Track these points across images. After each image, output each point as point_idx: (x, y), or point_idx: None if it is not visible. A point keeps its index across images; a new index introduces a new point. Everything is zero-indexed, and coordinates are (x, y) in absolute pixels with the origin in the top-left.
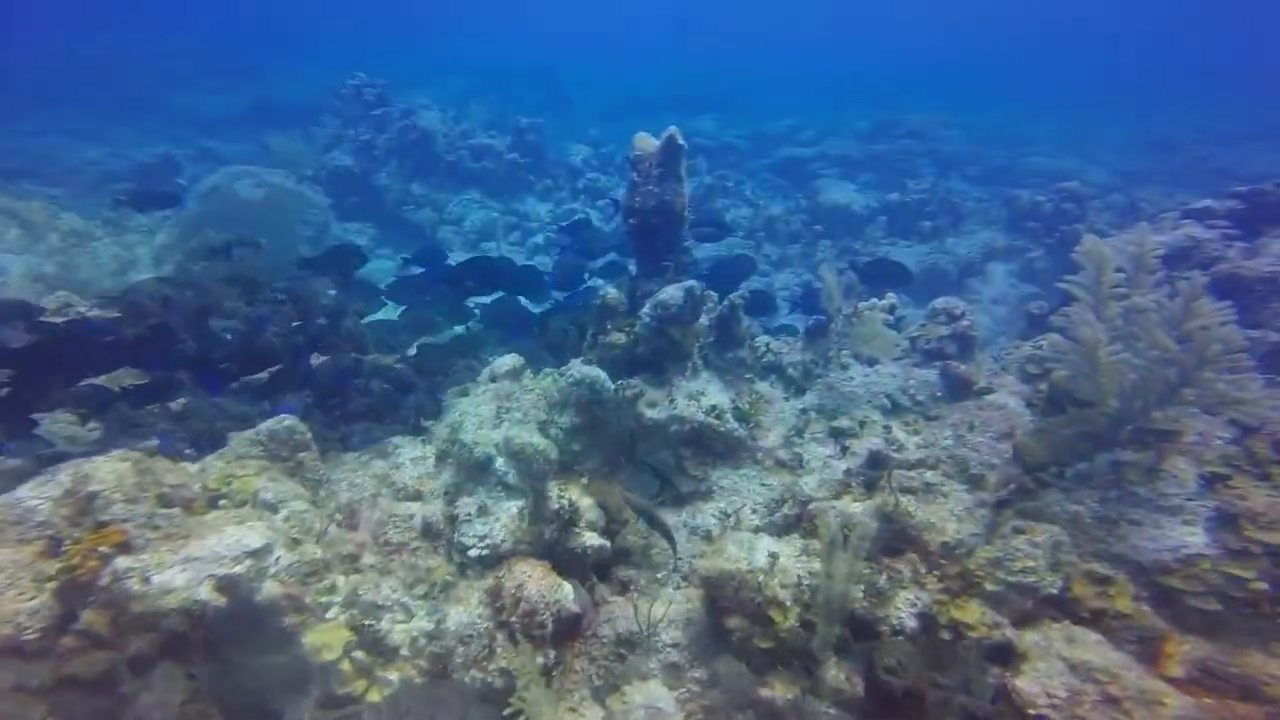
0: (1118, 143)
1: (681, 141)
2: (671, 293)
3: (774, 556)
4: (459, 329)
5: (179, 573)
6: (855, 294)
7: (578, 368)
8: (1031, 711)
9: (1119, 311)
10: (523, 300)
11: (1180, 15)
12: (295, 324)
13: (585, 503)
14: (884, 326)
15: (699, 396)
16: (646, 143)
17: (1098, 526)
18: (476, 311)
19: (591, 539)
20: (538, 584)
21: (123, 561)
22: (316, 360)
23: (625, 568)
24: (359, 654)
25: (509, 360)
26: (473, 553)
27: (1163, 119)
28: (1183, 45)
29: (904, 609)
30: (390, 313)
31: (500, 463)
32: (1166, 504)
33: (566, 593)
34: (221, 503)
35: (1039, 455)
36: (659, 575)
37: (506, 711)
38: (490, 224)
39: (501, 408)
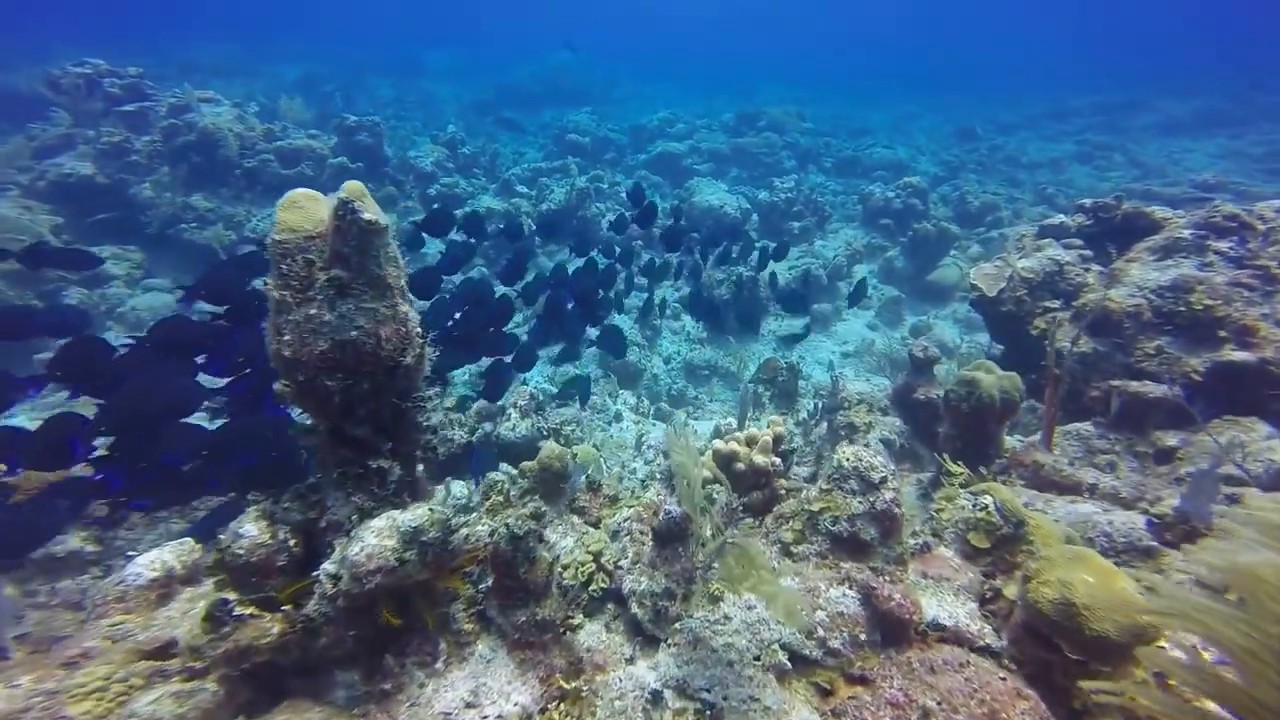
0: (931, 130)
1: (372, 217)
2: (374, 544)
3: None
4: None
5: None
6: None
7: None
8: None
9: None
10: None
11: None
12: None
13: None
14: (771, 575)
15: None
16: (299, 215)
17: None
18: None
19: None
20: None
21: None
22: None
23: None
24: None
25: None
26: None
27: (959, 110)
28: (967, 44)
29: None
30: None
31: None
32: None
33: None
34: None
35: None
36: None
37: None
38: None
39: None
